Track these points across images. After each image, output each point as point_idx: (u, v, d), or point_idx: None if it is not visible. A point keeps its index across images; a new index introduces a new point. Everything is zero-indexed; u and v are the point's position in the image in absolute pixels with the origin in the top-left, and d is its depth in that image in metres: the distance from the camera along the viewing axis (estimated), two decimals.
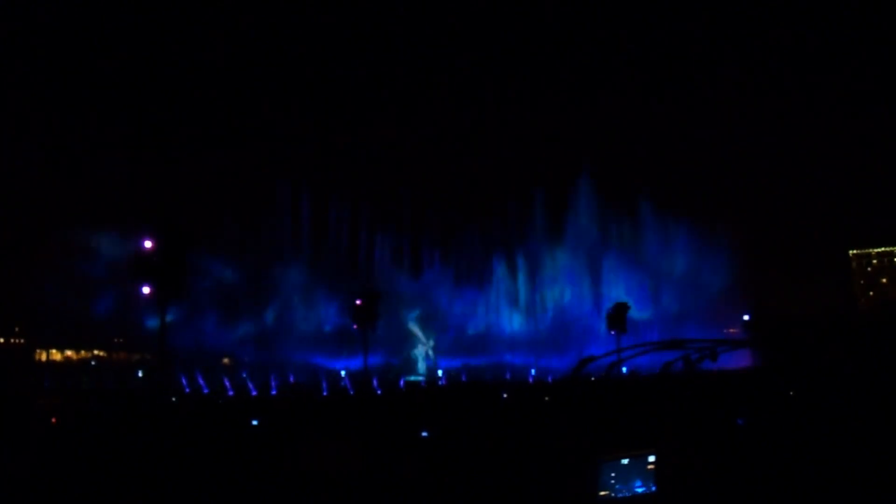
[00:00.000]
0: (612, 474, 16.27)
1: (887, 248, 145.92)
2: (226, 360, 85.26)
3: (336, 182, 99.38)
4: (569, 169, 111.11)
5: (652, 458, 16.49)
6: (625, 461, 16.34)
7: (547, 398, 52.96)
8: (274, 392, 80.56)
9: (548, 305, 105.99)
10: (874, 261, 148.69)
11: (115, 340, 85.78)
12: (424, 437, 27.70)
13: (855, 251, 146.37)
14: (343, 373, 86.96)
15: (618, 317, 60.71)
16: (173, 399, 61.03)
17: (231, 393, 77.88)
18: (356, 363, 79.54)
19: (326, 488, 18.21)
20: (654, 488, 16.37)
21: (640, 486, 16.45)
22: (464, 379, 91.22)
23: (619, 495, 16.15)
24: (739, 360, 77.00)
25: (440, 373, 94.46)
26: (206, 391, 77.93)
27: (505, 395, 57.52)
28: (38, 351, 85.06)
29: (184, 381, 78.42)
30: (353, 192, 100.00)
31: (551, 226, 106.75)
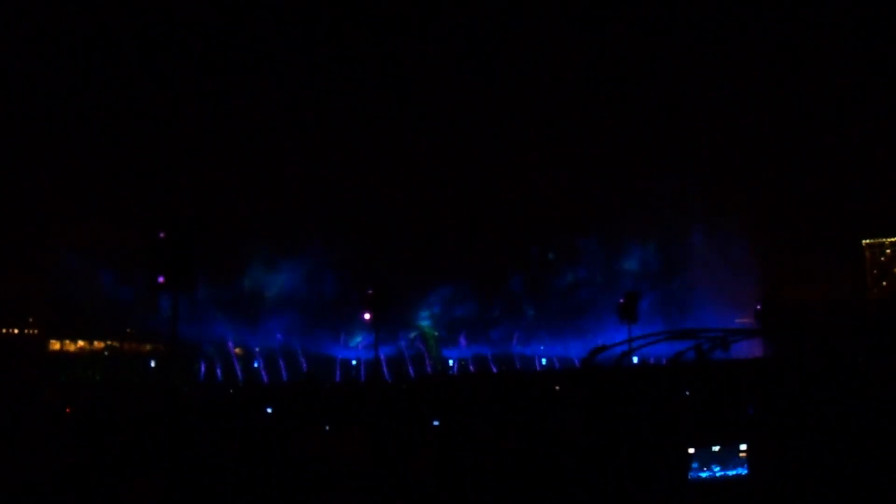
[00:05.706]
0: (702, 460, 17.32)
1: None
2: (238, 350, 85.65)
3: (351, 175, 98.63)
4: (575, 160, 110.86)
5: (743, 447, 17.54)
6: (715, 448, 17.45)
7: (557, 387, 52.88)
8: (285, 379, 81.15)
9: (557, 293, 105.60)
10: (887, 250, 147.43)
11: (128, 331, 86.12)
12: (435, 425, 27.76)
13: (868, 240, 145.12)
14: (354, 362, 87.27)
15: (629, 306, 60.28)
16: (185, 389, 61.49)
17: (242, 381, 78.47)
18: (370, 353, 79.77)
19: (332, 477, 18.25)
20: (745, 471, 17.36)
21: (732, 469, 17.42)
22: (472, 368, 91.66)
23: (712, 475, 17.20)
24: (751, 349, 76.81)
25: (451, 362, 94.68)
26: (219, 380, 78.62)
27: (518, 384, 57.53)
28: (51, 342, 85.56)
29: (202, 370, 79.15)
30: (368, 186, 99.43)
31: (561, 214, 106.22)
